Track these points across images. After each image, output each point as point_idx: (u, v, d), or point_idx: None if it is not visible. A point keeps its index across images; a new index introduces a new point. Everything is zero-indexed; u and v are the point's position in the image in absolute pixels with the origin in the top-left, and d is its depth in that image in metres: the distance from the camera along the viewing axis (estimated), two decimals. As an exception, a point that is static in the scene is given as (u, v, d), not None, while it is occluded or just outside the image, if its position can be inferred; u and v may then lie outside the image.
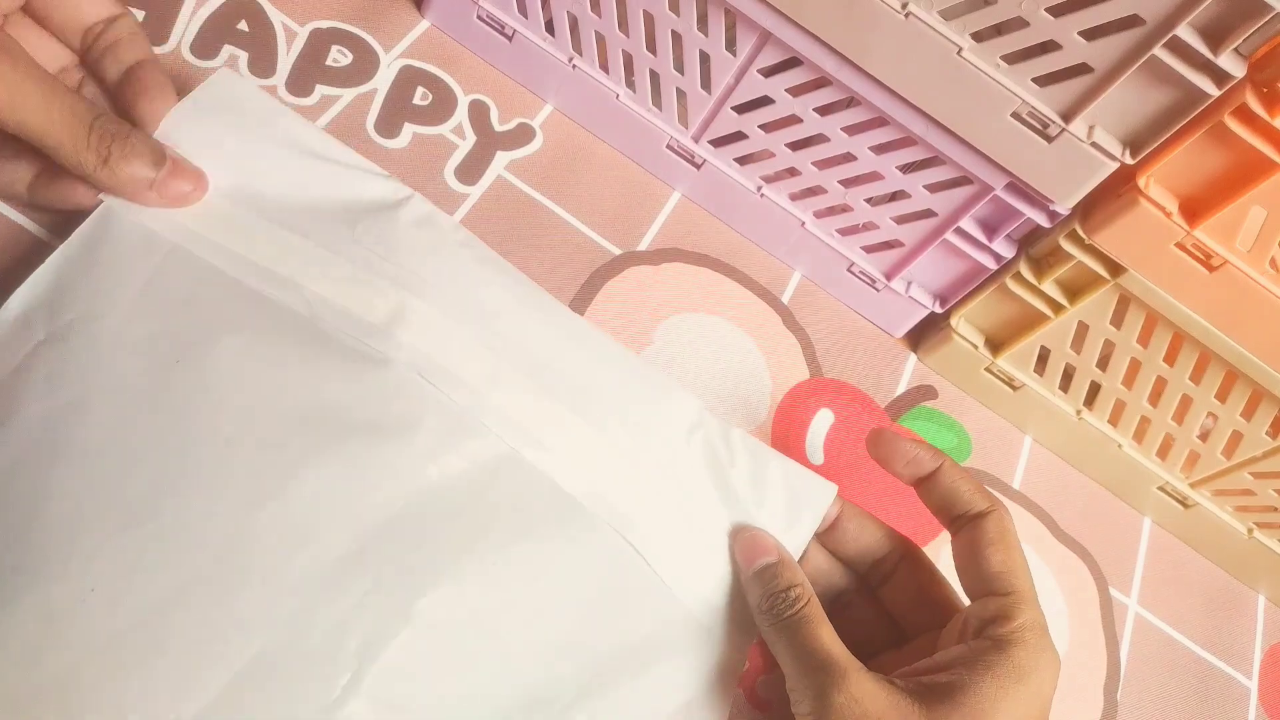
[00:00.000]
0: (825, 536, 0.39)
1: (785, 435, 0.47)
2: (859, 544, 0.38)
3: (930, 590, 0.37)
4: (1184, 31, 0.35)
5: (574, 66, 0.48)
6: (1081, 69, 0.38)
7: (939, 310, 0.51)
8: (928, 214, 0.47)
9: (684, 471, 0.38)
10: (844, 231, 0.50)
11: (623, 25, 0.45)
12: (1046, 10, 0.37)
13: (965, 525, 0.36)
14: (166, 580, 0.29)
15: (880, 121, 0.44)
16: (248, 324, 0.34)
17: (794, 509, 0.39)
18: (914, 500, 0.49)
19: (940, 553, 0.48)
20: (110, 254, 0.34)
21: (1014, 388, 0.52)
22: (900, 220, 0.48)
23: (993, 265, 0.47)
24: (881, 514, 0.48)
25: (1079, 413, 0.52)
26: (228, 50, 0.45)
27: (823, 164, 0.47)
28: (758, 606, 0.35)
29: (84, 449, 0.30)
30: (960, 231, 0.47)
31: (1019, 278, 0.47)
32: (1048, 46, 0.38)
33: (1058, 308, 0.47)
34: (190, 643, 0.28)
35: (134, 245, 0.34)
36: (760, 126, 0.47)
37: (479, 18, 0.49)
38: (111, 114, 0.33)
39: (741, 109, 0.47)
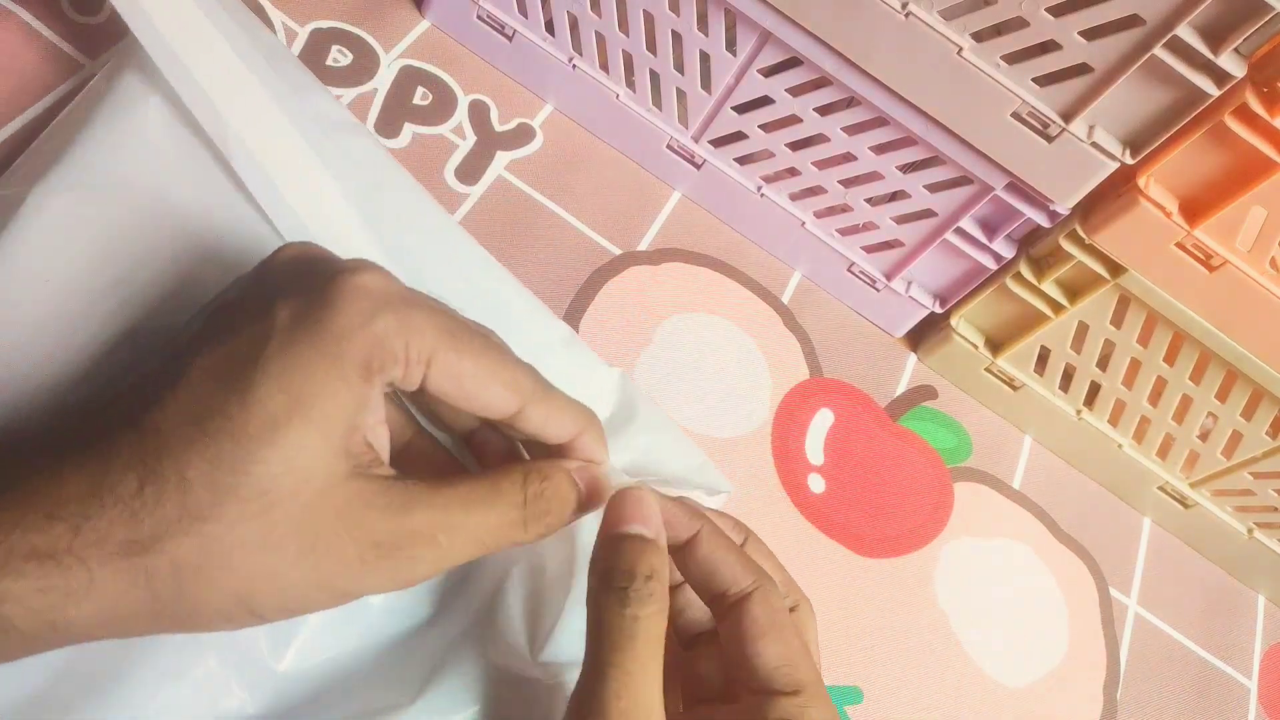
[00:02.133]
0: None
1: (785, 435, 0.47)
2: (703, 570, 0.30)
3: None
4: (1184, 31, 0.35)
5: (574, 66, 0.48)
6: (1081, 69, 0.38)
7: (939, 310, 0.51)
8: (928, 214, 0.47)
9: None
10: (844, 231, 0.50)
11: (623, 25, 0.45)
12: (1046, 10, 0.37)
13: (728, 610, 0.29)
14: None
15: (880, 121, 0.44)
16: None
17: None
18: (917, 499, 0.49)
19: (941, 551, 0.48)
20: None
21: (1014, 388, 0.52)
22: (900, 220, 0.48)
23: (993, 265, 0.47)
24: (883, 514, 0.48)
25: (1079, 413, 0.52)
26: (228, 50, 0.45)
27: (823, 164, 0.47)
28: (601, 578, 0.28)
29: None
30: (960, 231, 0.47)
31: (1019, 278, 0.47)
32: (1048, 46, 0.38)
33: (1058, 308, 0.47)
34: None
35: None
36: (760, 126, 0.47)
37: (479, 18, 0.49)
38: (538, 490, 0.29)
39: (741, 109, 0.47)
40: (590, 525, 0.30)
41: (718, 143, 0.49)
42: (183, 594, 0.23)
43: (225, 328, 0.26)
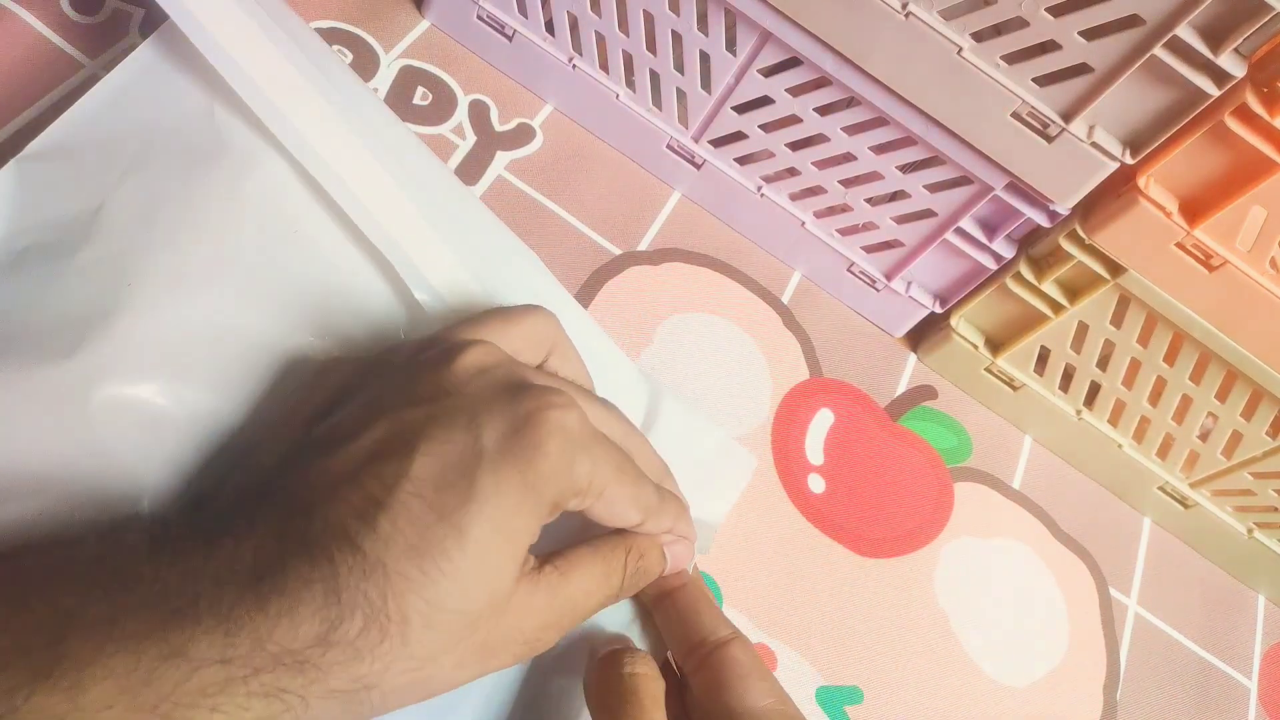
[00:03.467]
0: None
1: (785, 435, 0.47)
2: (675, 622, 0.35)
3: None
4: (1184, 31, 0.35)
5: (574, 66, 0.48)
6: (1081, 69, 0.38)
7: (939, 310, 0.51)
8: (928, 214, 0.47)
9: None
10: (844, 231, 0.50)
11: (623, 25, 0.45)
12: (1046, 10, 0.37)
13: (708, 656, 0.32)
14: None
15: (880, 121, 0.44)
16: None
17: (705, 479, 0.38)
18: (917, 499, 0.49)
19: (941, 551, 0.48)
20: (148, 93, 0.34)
21: (1014, 388, 0.52)
22: (900, 220, 0.48)
23: (993, 265, 0.47)
24: (883, 514, 0.48)
25: (1079, 413, 0.52)
26: (228, 50, 0.45)
27: (823, 164, 0.47)
28: (601, 657, 0.32)
29: None
30: (960, 231, 0.47)
31: (1019, 278, 0.47)
32: (1048, 46, 0.38)
33: (1058, 308, 0.47)
34: None
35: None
36: (760, 126, 0.47)
37: (479, 18, 0.49)
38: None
39: (741, 109, 0.47)
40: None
41: (718, 143, 0.49)
42: (384, 710, 0.26)
43: (422, 432, 0.27)
